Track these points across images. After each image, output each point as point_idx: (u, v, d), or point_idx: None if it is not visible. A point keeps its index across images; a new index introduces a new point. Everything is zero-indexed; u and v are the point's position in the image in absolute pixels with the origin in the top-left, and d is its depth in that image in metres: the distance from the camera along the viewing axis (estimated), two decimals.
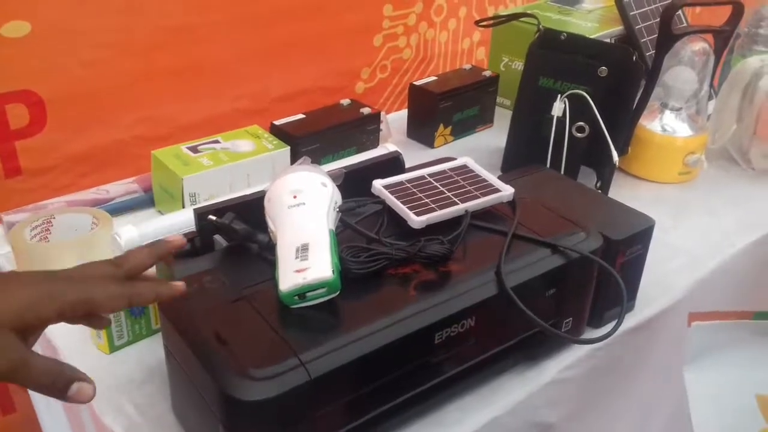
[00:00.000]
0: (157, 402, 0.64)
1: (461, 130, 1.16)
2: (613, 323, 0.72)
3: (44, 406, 0.90)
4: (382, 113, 1.07)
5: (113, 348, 0.70)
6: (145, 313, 0.71)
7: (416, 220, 0.64)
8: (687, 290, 0.83)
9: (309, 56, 1.20)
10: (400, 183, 0.70)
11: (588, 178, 0.95)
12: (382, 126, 1.06)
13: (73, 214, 0.83)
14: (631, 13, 1.16)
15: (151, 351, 0.70)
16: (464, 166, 0.74)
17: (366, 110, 1.03)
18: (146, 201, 0.93)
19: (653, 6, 1.20)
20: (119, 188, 0.93)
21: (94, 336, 0.70)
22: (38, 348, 0.77)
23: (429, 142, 1.13)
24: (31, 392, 0.88)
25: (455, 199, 0.68)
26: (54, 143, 1.01)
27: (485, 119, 1.20)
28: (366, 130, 1.03)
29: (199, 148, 0.90)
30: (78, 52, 0.98)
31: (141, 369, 0.68)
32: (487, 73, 1.18)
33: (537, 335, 0.66)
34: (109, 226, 0.81)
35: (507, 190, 0.70)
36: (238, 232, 0.61)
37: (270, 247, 0.61)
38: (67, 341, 0.72)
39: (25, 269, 0.79)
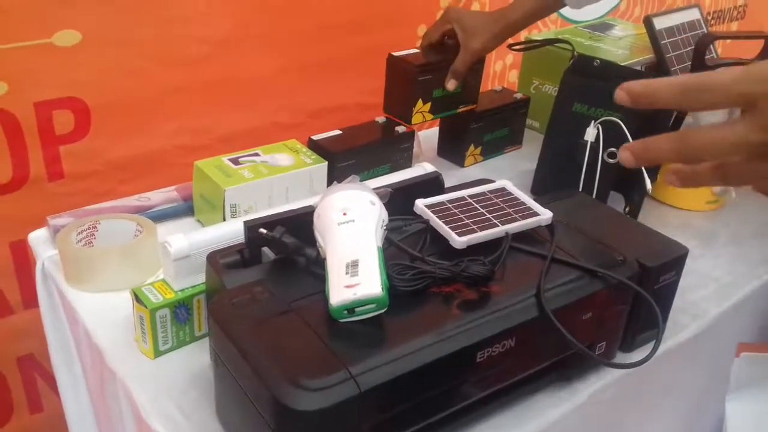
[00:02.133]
0: (202, 407, 0.66)
1: (491, 150, 1.18)
2: (644, 347, 0.74)
3: (73, 404, 0.92)
4: (416, 132, 1.09)
5: (158, 353, 0.72)
6: (189, 320, 0.73)
7: (458, 241, 0.66)
8: (715, 318, 0.84)
9: (345, 73, 1.23)
10: (442, 203, 0.72)
11: (616, 203, 0.97)
12: (414, 144, 1.08)
13: (118, 221, 0.86)
14: (662, 42, 1.18)
15: (195, 357, 0.72)
16: (503, 189, 0.76)
17: (401, 128, 1.05)
18: (185, 210, 0.96)
19: (683, 35, 1.22)
20: (160, 196, 0.96)
21: (140, 341, 0.72)
22: (84, 348, 0.80)
23: (459, 162, 1.15)
24: (60, 392, 0.91)
25: (495, 221, 0.70)
26: (96, 149, 1.04)
27: (514, 141, 1.22)
28: (400, 148, 1.06)
29: (240, 160, 0.92)
30: (125, 62, 1.02)
31: (185, 374, 0.70)
32: (518, 96, 1.20)
33: (572, 357, 0.67)
34: (153, 233, 0.84)
35: (545, 214, 0.72)
36: (288, 246, 0.64)
37: (317, 262, 0.63)
38: (112, 345, 0.74)
39: (70, 273, 0.82)
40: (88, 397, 0.89)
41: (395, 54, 1.04)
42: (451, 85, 1.04)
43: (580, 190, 0.95)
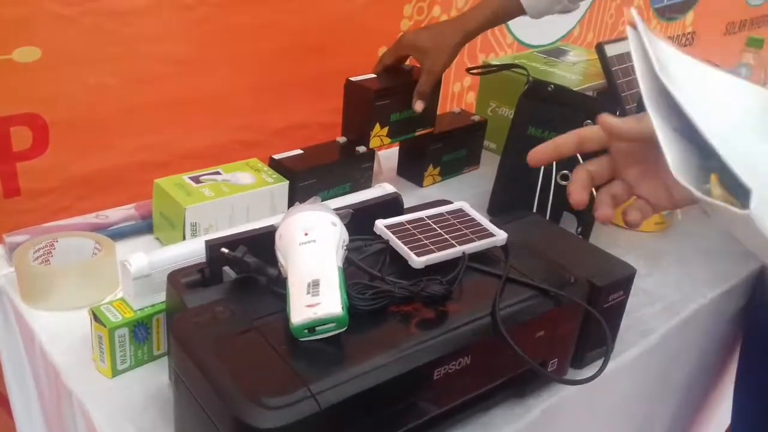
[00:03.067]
0: (160, 427, 0.66)
1: (449, 170, 1.21)
2: (594, 364, 0.77)
3: (26, 424, 0.91)
4: (376, 151, 1.11)
5: (116, 372, 0.72)
6: (148, 339, 0.73)
7: (417, 261, 0.68)
8: (662, 336, 0.88)
9: (307, 93, 1.25)
10: (401, 224, 0.74)
11: (569, 224, 1.00)
12: (374, 163, 1.10)
13: (76, 239, 0.85)
14: (614, 68, 1.23)
15: (153, 376, 0.72)
16: (460, 210, 0.78)
17: (361, 148, 1.07)
18: (144, 228, 0.96)
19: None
20: (118, 214, 0.95)
21: (97, 360, 0.72)
22: (39, 367, 0.79)
23: (418, 181, 1.18)
24: (14, 412, 0.89)
25: (452, 242, 0.72)
26: (54, 166, 1.03)
27: (471, 161, 1.25)
28: (360, 167, 1.07)
29: (201, 178, 0.93)
30: (84, 79, 1.01)
31: (143, 394, 0.70)
32: (476, 118, 1.24)
33: (526, 373, 0.70)
34: (112, 252, 0.83)
35: (501, 235, 0.74)
36: (250, 266, 0.64)
37: (279, 281, 0.64)
38: (69, 364, 0.73)
39: (27, 291, 0.81)
40: (41, 416, 0.88)
41: (352, 79, 1.06)
42: (418, 106, 1.06)
43: (534, 211, 0.98)
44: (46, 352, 0.75)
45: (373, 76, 1.08)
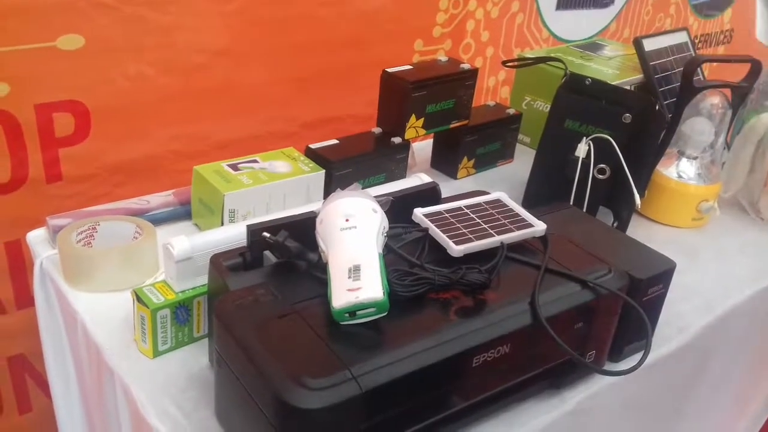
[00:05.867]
0: (200, 406, 0.67)
1: (483, 163, 1.21)
2: (631, 358, 0.76)
3: (63, 403, 0.92)
4: (410, 143, 1.11)
5: (157, 353, 0.73)
6: (189, 321, 0.74)
7: (456, 249, 0.68)
8: (701, 331, 0.87)
9: (340, 85, 1.25)
10: (439, 213, 0.74)
11: (604, 218, 0.99)
12: (408, 155, 1.10)
13: (118, 222, 0.87)
14: (651, 63, 1.22)
15: (193, 358, 0.73)
16: (498, 201, 0.78)
17: (397, 139, 1.07)
18: (182, 214, 0.97)
19: (672, 57, 1.26)
20: (158, 200, 0.97)
21: (139, 340, 0.73)
22: (80, 347, 0.81)
23: (452, 174, 1.18)
24: (52, 390, 0.91)
25: (491, 231, 0.72)
26: (95, 153, 1.05)
27: (506, 155, 1.24)
28: (395, 158, 1.08)
29: (239, 166, 0.94)
30: (125, 68, 1.03)
31: (183, 374, 0.71)
32: (511, 111, 1.23)
33: (562, 365, 0.69)
34: (153, 236, 0.85)
35: (539, 226, 0.74)
36: (291, 250, 0.65)
37: (319, 266, 0.65)
38: (111, 344, 0.75)
39: (70, 273, 0.83)
40: (79, 396, 0.90)
41: (389, 70, 1.06)
42: None
43: (571, 204, 0.97)
44: (89, 332, 0.77)
45: (410, 67, 1.09)
